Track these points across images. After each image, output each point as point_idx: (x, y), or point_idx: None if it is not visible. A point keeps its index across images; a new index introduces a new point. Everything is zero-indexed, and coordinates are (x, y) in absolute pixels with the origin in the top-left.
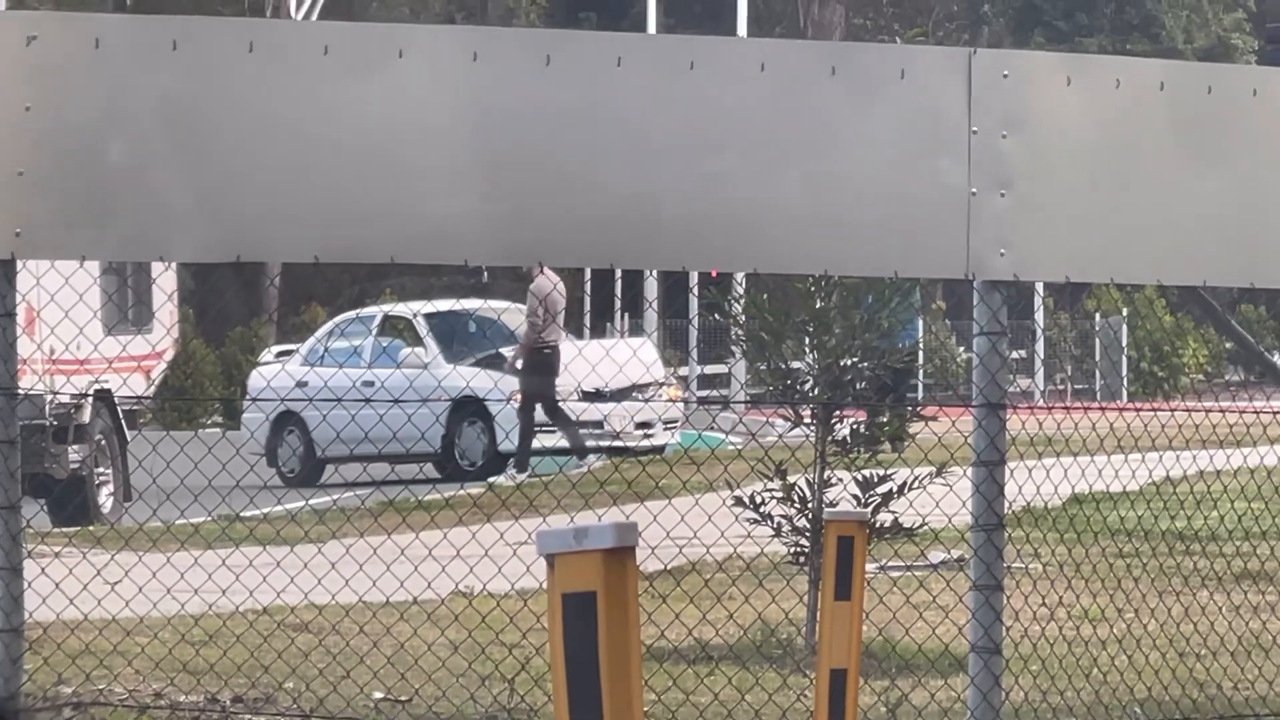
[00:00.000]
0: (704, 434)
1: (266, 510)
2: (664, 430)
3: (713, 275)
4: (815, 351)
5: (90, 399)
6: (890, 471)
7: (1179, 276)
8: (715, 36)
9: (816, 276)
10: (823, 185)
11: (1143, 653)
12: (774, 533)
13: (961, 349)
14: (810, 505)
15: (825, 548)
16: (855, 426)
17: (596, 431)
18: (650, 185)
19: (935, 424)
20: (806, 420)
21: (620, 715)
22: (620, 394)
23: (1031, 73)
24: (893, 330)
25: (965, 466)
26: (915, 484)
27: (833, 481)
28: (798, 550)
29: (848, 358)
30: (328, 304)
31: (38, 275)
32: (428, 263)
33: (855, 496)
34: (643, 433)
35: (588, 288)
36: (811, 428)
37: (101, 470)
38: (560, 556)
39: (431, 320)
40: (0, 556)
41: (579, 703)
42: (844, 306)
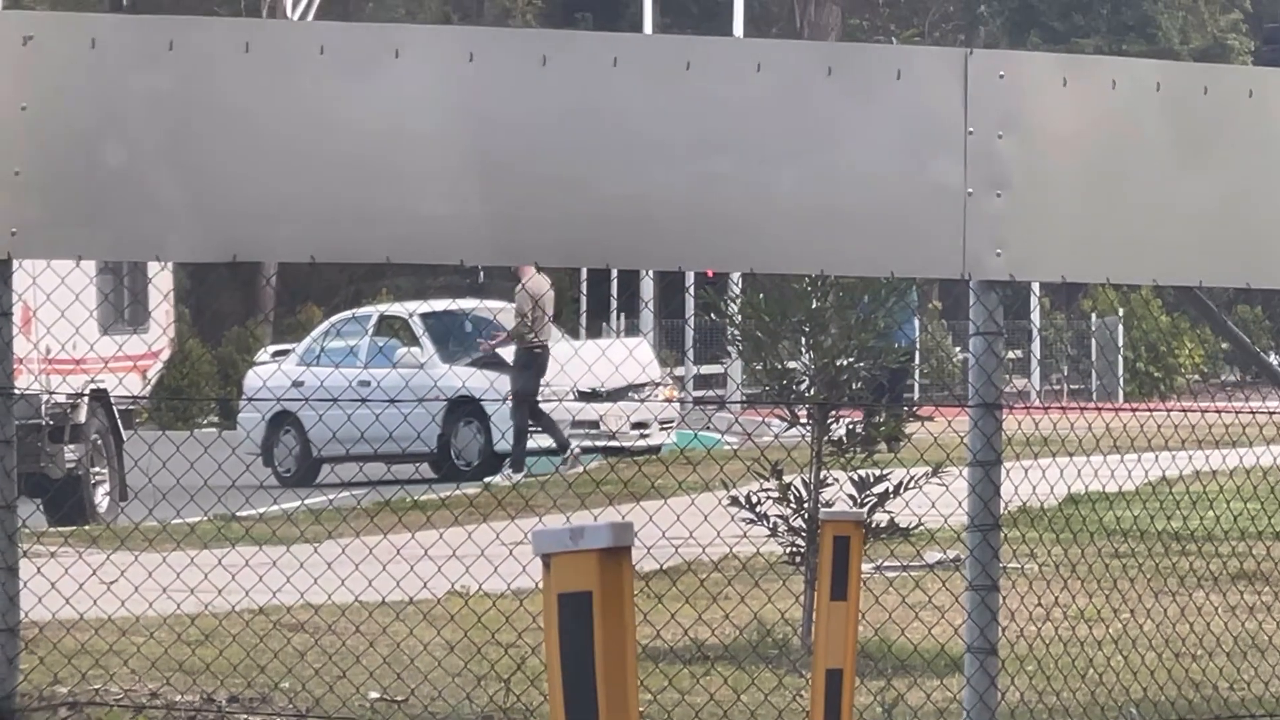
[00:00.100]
0: (700, 434)
1: (262, 510)
2: (660, 430)
3: (709, 275)
4: (811, 351)
5: (86, 399)
6: (886, 471)
7: (1175, 277)
8: (711, 37)
9: (813, 276)
10: (819, 185)
11: (1139, 653)
12: (770, 533)
13: (958, 349)
14: (806, 505)
15: (821, 548)
16: (851, 426)
17: (593, 432)
18: (646, 185)
19: (931, 424)
20: (802, 420)
21: (616, 715)
22: (616, 394)
23: (1028, 73)
24: (889, 330)
25: (961, 466)
26: (911, 484)
27: (829, 481)
28: (794, 550)
29: (844, 358)
30: (324, 304)
31: (34, 275)
32: (424, 263)
33: (851, 496)
34: (639, 433)
35: (584, 287)
36: (807, 428)
37: (97, 470)
38: (556, 556)
39: (428, 320)
40: None
41: (575, 702)
42: (840, 306)
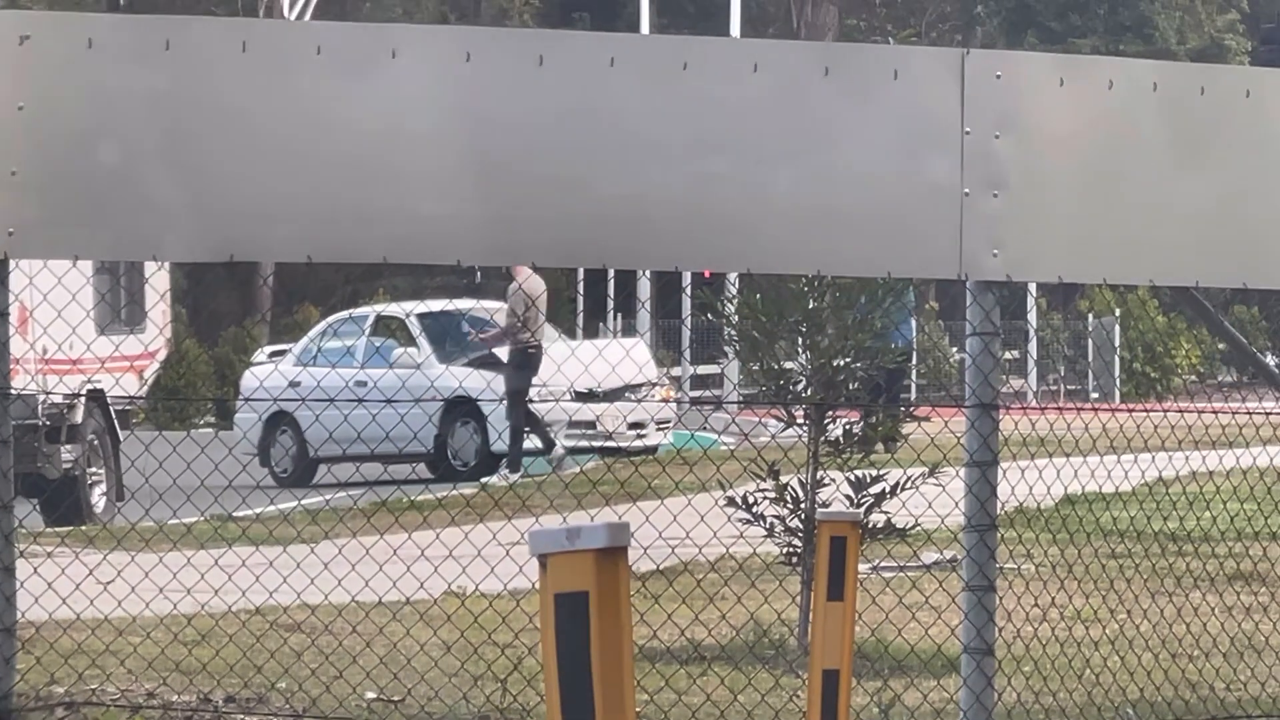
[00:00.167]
0: (697, 434)
1: (259, 510)
2: (657, 430)
3: (706, 275)
4: (808, 352)
5: (83, 399)
6: (883, 472)
7: (1172, 277)
8: (708, 37)
9: (810, 277)
10: (816, 185)
11: (1135, 654)
12: (767, 533)
13: (954, 349)
14: (803, 505)
15: (818, 548)
16: (848, 427)
17: (589, 432)
18: (644, 185)
19: (928, 424)
20: (799, 420)
21: (612, 715)
22: (613, 394)
23: (1024, 73)
24: (886, 330)
25: (958, 467)
26: (908, 484)
27: (825, 482)
28: (790, 551)
29: (841, 358)
30: (321, 304)
31: (31, 275)
32: (421, 263)
33: (848, 497)
34: (636, 433)
35: (581, 288)
36: (804, 428)
37: (94, 470)
38: (553, 557)
39: (425, 320)
40: None
41: (571, 703)
42: (837, 307)
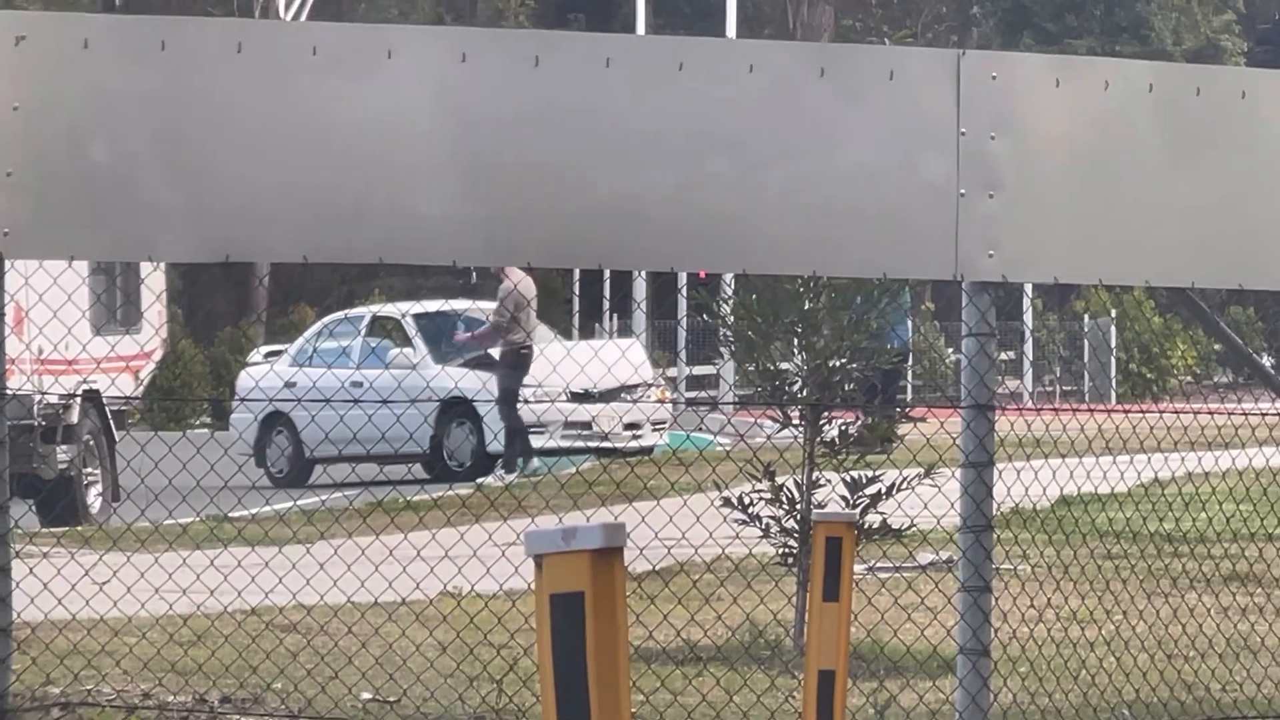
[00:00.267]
0: (692, 435)
1: (255, 511)
2: (652, 431)
3: (701, 276)
4: (804, 352)
5: (78, 399)
6: (879, 473)
7: (1167, 278)
8: (704, 38)
9: (805, 277)
10: (811, 186)
11: (1131, 654)
12: (762, 534)
13: (950, 350)
14: (799, 506)
15: (814, 549)
16: (844, 427)
17: (585, 432)
18: (638, 186)
19: (924, 425)
20: (795, 421)
21: (608, 716)
22: (608, 395)
23: (1020, 74)
24: (881, 331)
25: (954, 468)
26: (904, 485)
27: (821, 482)
28: (786, 551)
29: (836, 359)
30: (316, 304)
31: (26, 275)
32: (416, 263)
33: (844, 498)
34: (631, 434)
35: (576, 288)
36: (800, 429)
37: (90, 471)
38: (548, 557)
39: (420, 321)
40: None
41: (567, 703)
42: (832, 307)
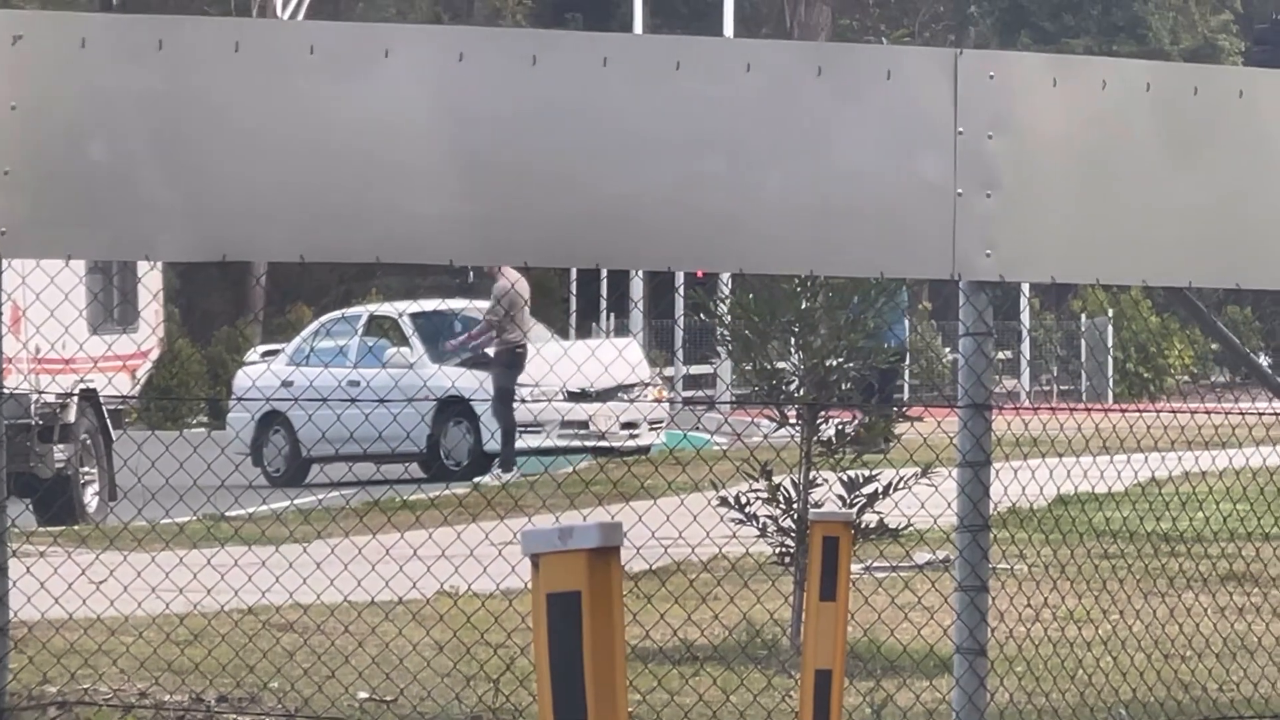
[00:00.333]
0: (689, 434)
1: (252, 510)
2: (649, 430)
3: (699, 275)
4: (801, 352)
5: (75, 398)
6: (876, 472)
7: (1165, 277)
8: (701, 37)
9: (802, 277)
10: (808, 185)
11: (1128, 654)
12: (759, 533)
13: (947, 349)
14: (795, 506)
15: (810, 548)
16: (841, 427)
17: (582, 432)
18: (636, 185)
19: (921, 424)
20: (792, 421)
21: (605, 716)
22: (606, 394)
23: (1018, 74)
24: (879, 331)
25: (951, 467)
26: (901, 485)
27: (818, 482)
28: (783, 551)
29: (833, 358)
30: (313, 303)
31: (23, 274)
32: (413, 263)
33: (840, 497)
34: (628, 433)
35: (574, 287)
36: (797, 428)
37: (87, 470)
38: (545, 556)
39: (417, 320)
40: None
41: (563, 703)
42: (830, 307)
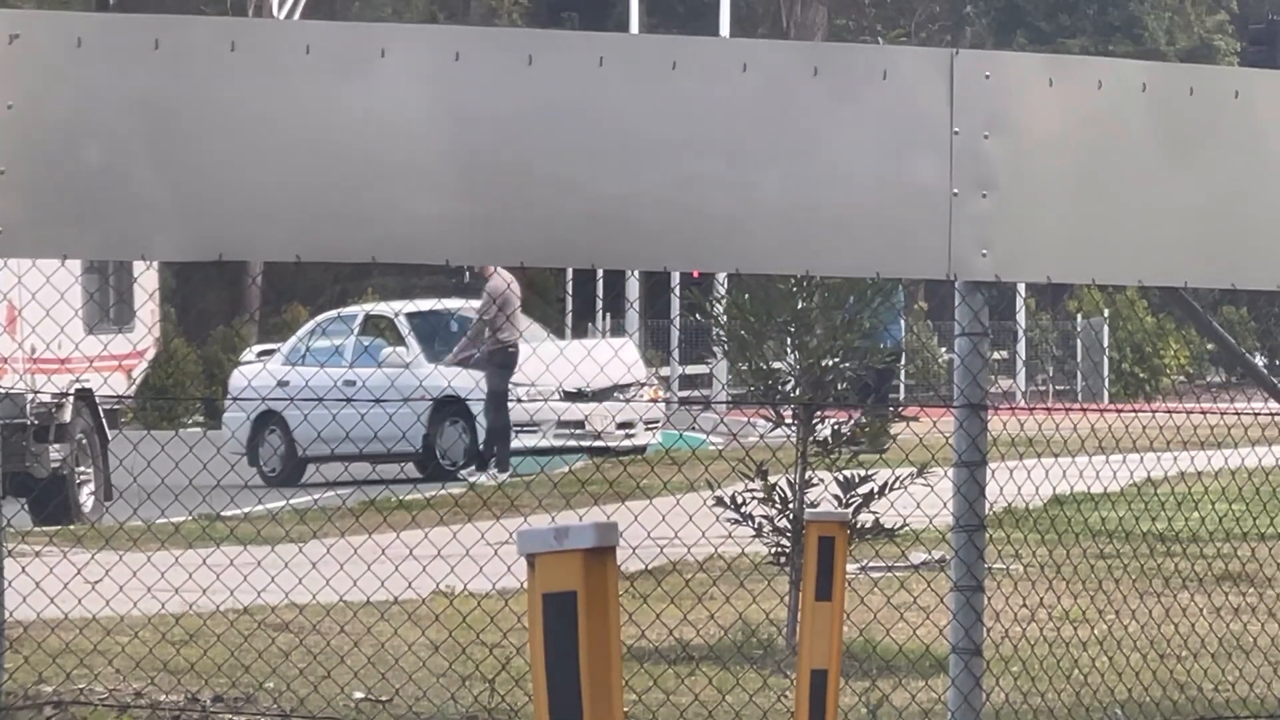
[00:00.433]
0: (685, 434)
1: (247, 509)
2: (645, 430)
3: (695, 276)
4: (797, 352)
5: (71, 398)
6: (871, 472)
7: (1160, 277)
8: (697, 37)
9: (798, 277)
10: (804, 186)
11: (1123, 654)
12: (755, 533)
13: (943, 350)
14: (791, 505)
15: (806, 548)
16: (836, 427)
17: (578, 431)
18: (632, 185)
19: (917, 424)
20: (788, 421)
21: (600, 715)
22: (602, 394)
23: (1014, 74)
24: (874, 331)
25: (946, 467)
26: (896, 484)
27: (814, 482)
28: (779, 551)
29: (829, 358)
30: (309, 303)
31: (19, 274)
32: (409, 262)
33: (836, 497)
34: (624, 433)
35: (569, 287)
36: (793, 428)
37: (82, 469)
38: (541, 556)
39: (413, 320)
40: None
41: (559, 703)
42: (826, 307)
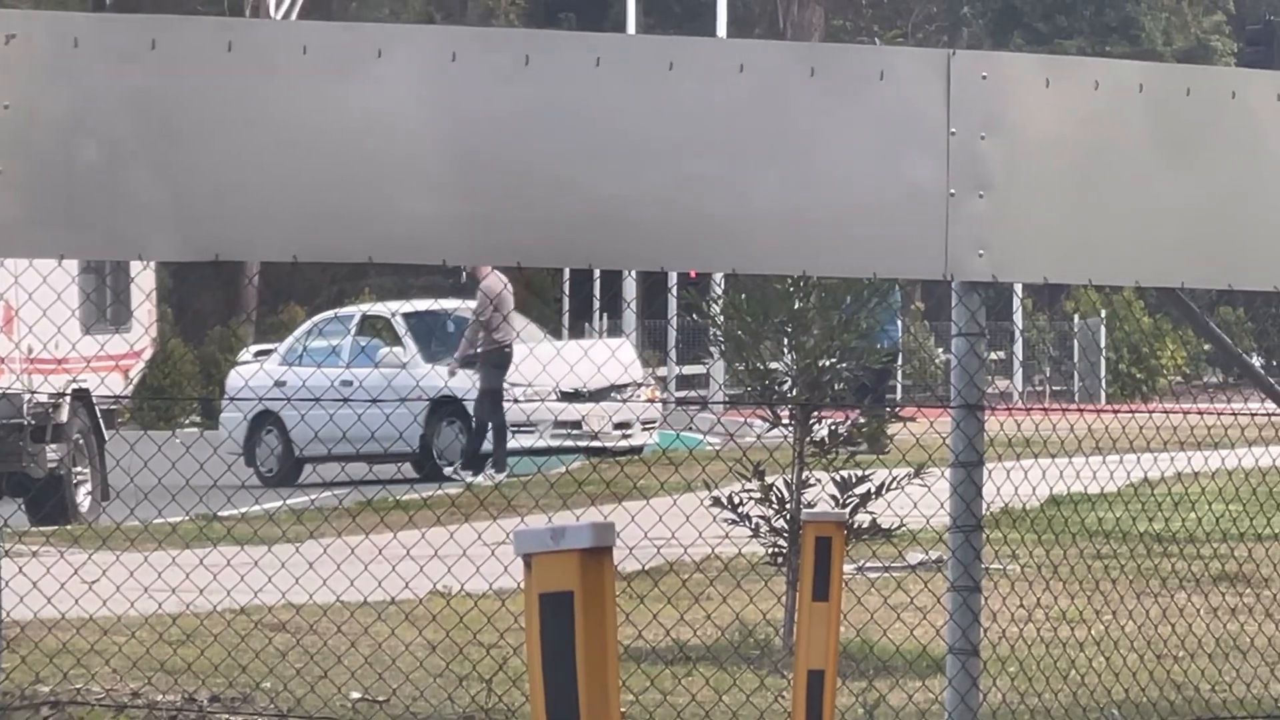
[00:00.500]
0: (682, 434)
1: (244, 510)
2: (642, 431)
3: (691, 276)
4: (794, 352)
5: (68, 398)
6: (868, 472)
7: (1157, 278)
8: (694, 37)
9: (795, 277)
10: (801, 186)
11: (1121, 654)
12: (752, 533)
13: (940, 350)
14: (788, 506)
15: (803, 548)
16: (833, 427)
17: (575, 432)
18: (628, 186)
19: (914, 425)
20: (785, 421)
21: (597, 715)
22: (599, 394)
23: (1010, 74)
24: (871, 331)
25: (943, 467)
26: (893, 485)
27: (811, 482)
28: (776, 551)
29: (826, 358)
30: (306, 303)
31: (16, 274)
32: (406, 263)
33: (833, 497)
34: (621, 433)
35: (566, 288)
36: (790, 428)
37: (79, 469)
38: (538, 556)
39: (410, 320)
40: None
41: (556, 703)
42: (822, 307)
